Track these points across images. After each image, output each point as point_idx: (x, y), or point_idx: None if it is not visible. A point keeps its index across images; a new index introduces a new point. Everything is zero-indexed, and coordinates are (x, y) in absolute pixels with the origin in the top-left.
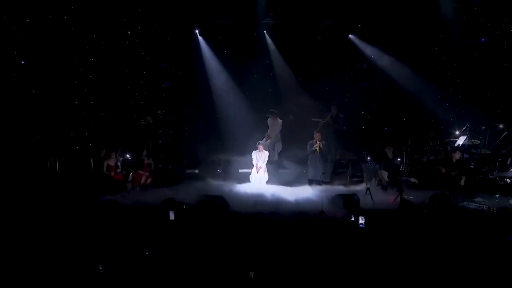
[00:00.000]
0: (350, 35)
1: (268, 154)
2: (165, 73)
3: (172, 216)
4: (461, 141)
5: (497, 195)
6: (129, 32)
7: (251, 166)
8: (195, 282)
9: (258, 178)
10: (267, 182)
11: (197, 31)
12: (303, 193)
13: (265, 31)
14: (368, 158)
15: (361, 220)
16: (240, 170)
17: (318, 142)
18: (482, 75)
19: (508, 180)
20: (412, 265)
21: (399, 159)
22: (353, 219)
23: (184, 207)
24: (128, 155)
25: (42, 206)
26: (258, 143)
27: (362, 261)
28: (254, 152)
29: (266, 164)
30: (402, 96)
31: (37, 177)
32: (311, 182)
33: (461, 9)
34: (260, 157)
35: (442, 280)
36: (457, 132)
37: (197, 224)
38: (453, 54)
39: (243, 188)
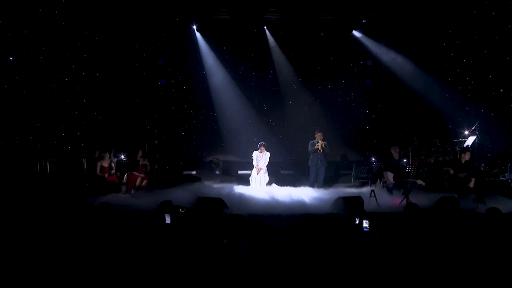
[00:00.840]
0: (354, 31)
1: (269, 155)
2: (161, 71)
3: (168, 219)
4: (470, 141)
5: None
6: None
7: (250, 167)
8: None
9: (258, 179)
10: (268, 183)
11: (194, 27)
12: (304, 194)
13: (265, 27)
14: (373, 159)
15: (365, 224)
16: (240, 172)
17: (320, 141)
18: (492, 72)
19: None
20: (418, 271)
21: (405, 160)
22: (357, 222)
23: (181, 210)
24: (122, 156)
25: (31, 210)
26: (260, 143)
27: (366, 265)
28: (255, 152)
29: (266, 165)
30: (408, 94)
31: (27, 179)
32: (312, 183)
33: None
34: (261, 158)
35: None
36: (466, 132)
37: (194, 228)
38: (462, 50)
39: (242, 190)
